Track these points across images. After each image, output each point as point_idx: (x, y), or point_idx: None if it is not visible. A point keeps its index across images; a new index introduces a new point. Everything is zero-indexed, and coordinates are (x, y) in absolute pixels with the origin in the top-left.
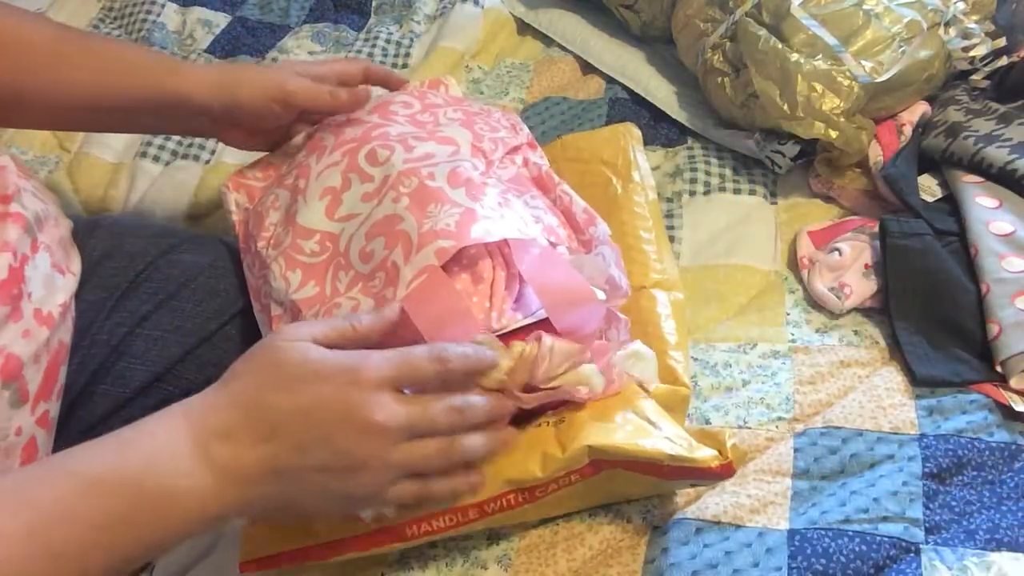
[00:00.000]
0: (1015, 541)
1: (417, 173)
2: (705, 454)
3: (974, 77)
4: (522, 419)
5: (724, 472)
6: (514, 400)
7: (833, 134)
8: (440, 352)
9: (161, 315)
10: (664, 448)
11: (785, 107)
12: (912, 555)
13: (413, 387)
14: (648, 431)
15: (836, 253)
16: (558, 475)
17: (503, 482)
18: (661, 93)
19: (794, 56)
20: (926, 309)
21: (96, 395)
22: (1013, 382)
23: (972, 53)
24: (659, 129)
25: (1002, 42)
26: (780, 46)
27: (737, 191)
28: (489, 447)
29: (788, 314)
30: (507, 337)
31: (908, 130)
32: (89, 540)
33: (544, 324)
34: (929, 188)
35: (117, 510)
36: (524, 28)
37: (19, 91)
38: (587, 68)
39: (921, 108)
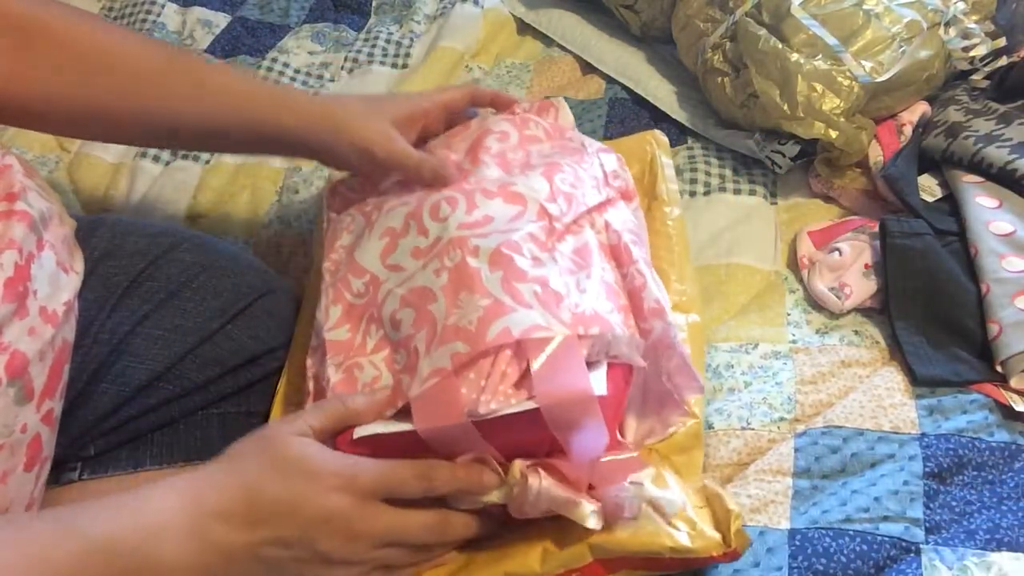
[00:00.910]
0: (1015, 541)
1: (464, 245)
2: (708, 542)
3: (974, 77)
4: None
5: (728, 559)
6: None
7: (833, 134)
8: (427, 471)
9: (162, 314)
10: (665, 541)
11: (785, 107)
12: (912, 555)
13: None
14: (649, 518)
15: (836, 253)
16: (558, 572)
17: (502, 574)
18: (661, 93)
19: (794, 56)
20: (926, 309)
21: (96, 394)
22: (1013, 382)
23: (972, 53)
24: (659, 129)
25: (1002, 42)
26: (780, 46)
27: (737, 191)
28: (455, 550)
29: (789, 314)
30: (504, 421)
31: (908, 130)
32: None
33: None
34: (929, 188)
35: (116, 573)
36: (524, 28)
37: (122, 112)
38: (587, 68)
39: (921, 108)
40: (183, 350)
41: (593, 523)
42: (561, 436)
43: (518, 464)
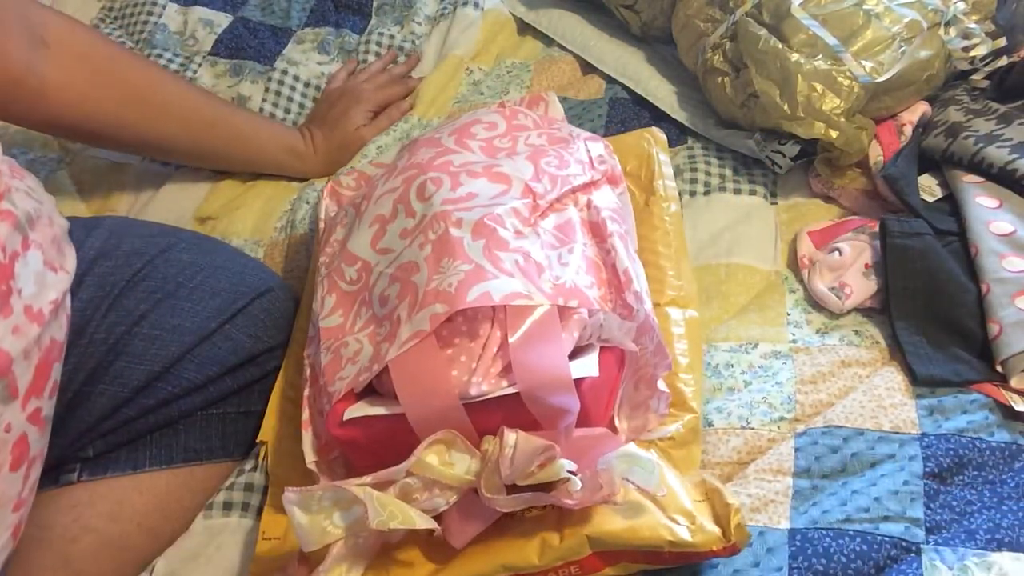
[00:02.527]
0: (1016, 541)
1: (447, 218)
2: (708, 536)
3: (974, 77)
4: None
5: (727, 553)
6: (488, 504)
7: (833, 134)
8: None
9: (159, 314)
10: (664, 534)
11: (785, 107)
12: (913, 555)
13: None
14: (648, 511)
15: (836, 253)
16: (556, 565)
17: (499, 566)
18: (661, 93)
19: (794, 56)
20: (926, 309)
21: (94, 395)
22: (1013, 382)
23: (972, 53)
24: (659, 128)
25: (1002, 42)
26: (780, 46)
27: (737, 191)
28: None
29: (789, 314)
30: (486, 405)
31: (908, 130)
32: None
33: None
34: (929, 188)
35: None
36: (524, 28)
37: (155, 145)
38: (587, 68)
39: (921, 108)
40: (181, 350)
41: (574, 482)
42: (535, 409)
43: (489, 438)
